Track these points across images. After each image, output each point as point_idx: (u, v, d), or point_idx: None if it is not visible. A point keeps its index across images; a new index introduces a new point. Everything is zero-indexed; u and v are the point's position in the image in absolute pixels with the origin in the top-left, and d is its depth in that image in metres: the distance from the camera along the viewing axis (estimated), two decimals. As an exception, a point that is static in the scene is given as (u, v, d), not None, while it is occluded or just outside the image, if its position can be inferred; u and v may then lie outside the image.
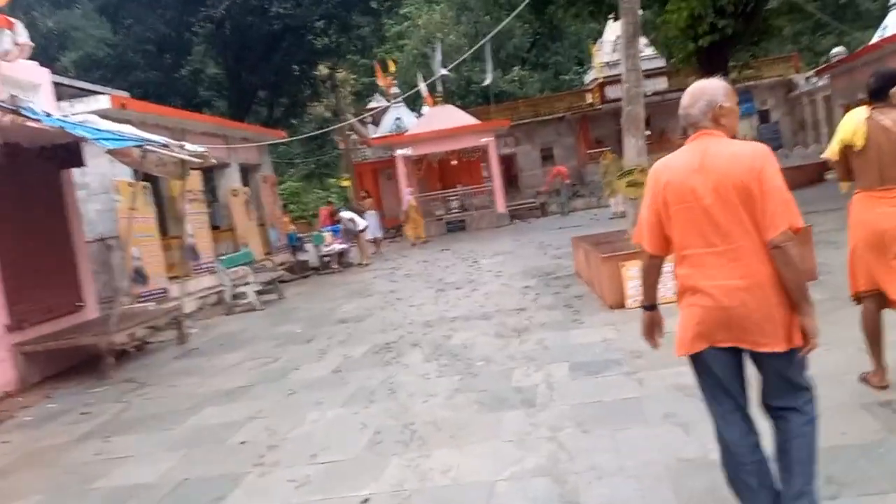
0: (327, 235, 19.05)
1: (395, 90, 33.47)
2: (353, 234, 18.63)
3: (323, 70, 35.90)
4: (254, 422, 5.89)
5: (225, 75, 30.85)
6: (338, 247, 18.41)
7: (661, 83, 32.86)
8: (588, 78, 37.31)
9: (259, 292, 13.16)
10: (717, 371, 2.93)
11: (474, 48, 27.80)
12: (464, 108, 30.70)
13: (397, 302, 11.16)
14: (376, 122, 35.56)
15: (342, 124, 29.97)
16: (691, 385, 5.05)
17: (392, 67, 34.58)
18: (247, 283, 13.10)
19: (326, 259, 18.37)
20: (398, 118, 32.74)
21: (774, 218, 2.70)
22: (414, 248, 21.50)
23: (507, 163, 32.67)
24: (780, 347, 2.77)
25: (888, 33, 26.92)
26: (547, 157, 34.47)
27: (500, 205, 25.91)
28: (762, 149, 2.81)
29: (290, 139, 25.16)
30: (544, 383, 5.65)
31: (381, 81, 34.40)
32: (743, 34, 21.47)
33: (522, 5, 19.31)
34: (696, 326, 2.91)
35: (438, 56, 29.08)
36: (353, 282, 15.10)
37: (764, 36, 22.55)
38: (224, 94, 32.33)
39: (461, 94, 45.54)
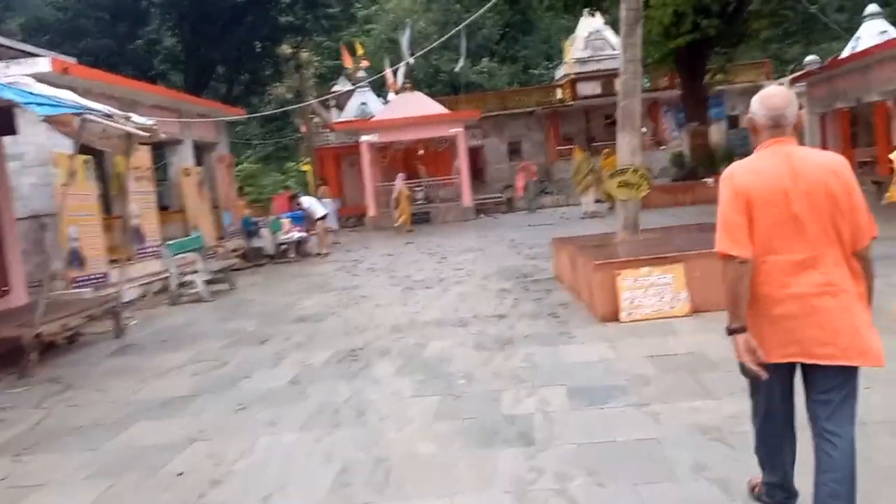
0: (285, 222, 17.99)
1: (361, 74, 32.35)
2: (312, 222, 17.62)
3: (286, 49, 34.65)
4: (195, 445, 4.96)
5: (182, 48, 29.34)
6: (296, 235, 17.38)
7: (633, 82, 32.30)
8: (559, 73, 36.71)
9: (209, 281, 12.11)
10: (782, 382, 2.92)
11: (445, 36, 26.92)
12: (431, 96, 29.75)
13: (361, 300, 10.26)
14: (340, 107, 34.39)
15: (304, 104, 28.80)
16: (715, 426, 4.34)
17: (360, 51, 33.40)
18: (195, 271, 12.04)
19: (283, 247, 17.33)
20: (364, 103, 31.67)
21: (863, 228, 2.75)
22: (399, 236, 20.81)
23: (474, 155, 31.84)
24: (857, 361, 2.75)
25: (861, 44, 26.84)
26: (515, 151, 33.82)
27: (467, 198, 25.10)
28: (844, 160, 2.85)
29: (249, 116, 23.94)
30: (540, 412, 4.84)
31: (347, 64, 33.23)
32: (723, 36, 21.01)
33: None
34: (776, 336, 2.80)
35: (407, 41, 28.04)
36: (311, 274, 14.13)
37: (743, 39, 22.14)
38: (180, 68, 30.81)
39: (429, 82, 44.62)
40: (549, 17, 42.23)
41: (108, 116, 8.89)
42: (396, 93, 30.45)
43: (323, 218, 17.62)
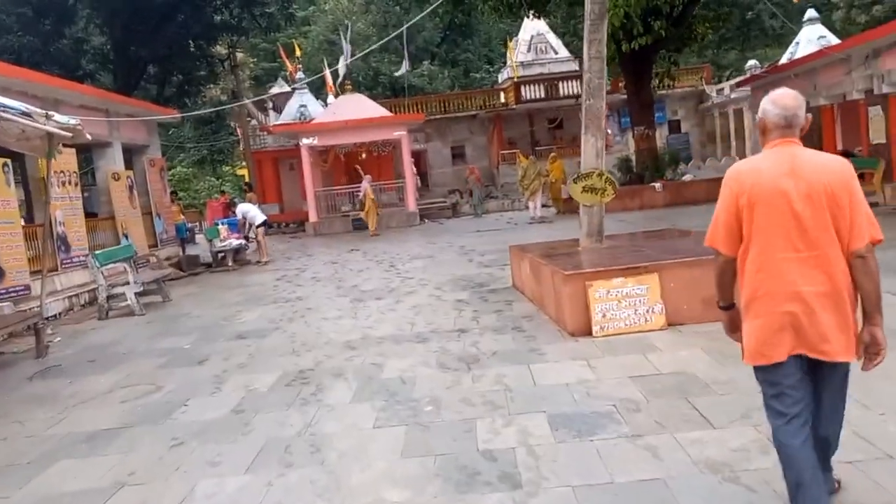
0: (223, 229, 17.09)
1: (300, 75, 31.47)
2: (248, 229, 16.77)
3: (221, 49, 33.41)
4: (123, 492, 4.26)
5: (111, 47, 27.89)
6: (234, 242, 16.50)
7: (573, 87, 32.33)
8: (502, 77, 36.49)
9: (140, 294, 11.21)
10: (791, 378, 2.91)
11: (387, 38, 26.33)
12: (372, 99, 29.07)
13: (308, 313, 9.57)
14: (278, 109, 33.40)
15: (238, 103, 27.77)
16: (724, 462, 3.82)
17: (298, 51, 32.48)
18: (126, 283, 11.12)
19: (221, 255, 16.42)
20: (303, 105, 30.82)
21: (861, 229, 2.79)
22: (372, 238, 20.23)
23: (416, 160, 31.31)
24: (848, 357, 2.85)
25: (800, 49, 27.37)
26: (458, 155, 33.42)
27: (411, 203, 24.51)
28: (847, 162, 2.90)
29: (182, 115, 22.78)
30: (523, 447, 4.30)
31: (287, 65, 32.29)
32: (670, 39, 21.00)
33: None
34: (777, 334, 2.87)
35: (346, 43, 27.32)
36: (251, 284, 13.32)
37: (688, 42, 22.19)
38: (109, 68, 29.28)
39: (369, 84, 43.83)
40: (491, 19, 42.05)
41: (27, 115, 8.02)
42: (335, 95, 29.70)
43: (263, 224, 16.79)
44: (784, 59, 27.05)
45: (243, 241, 16.80)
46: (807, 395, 2.92)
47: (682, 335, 6.33)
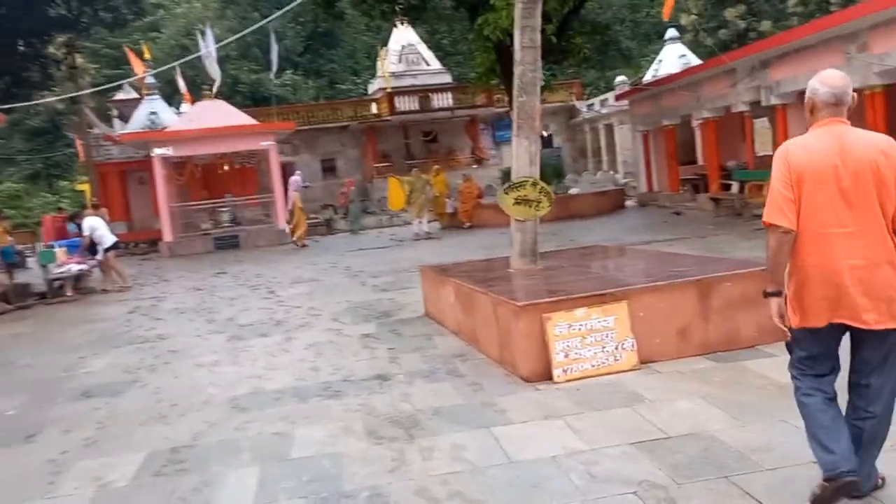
0: (60, 252, 14.53)
1: (150, 80, 28.63)
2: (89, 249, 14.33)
3: (57, 51, 29.86)
4: None
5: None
6: (74, 267, 14.03)
7: (447, 99, 31.53)
8: (372, 87, 35.13)
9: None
10: (826, 343, 3.08)
11: (251, 28, 24.26)
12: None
13: (174, 357, 7.71)
14: (125, 118, 30.31)
15: (66, 96, 24.58)
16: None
17: (147, 53, 29.60)
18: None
19: (57, 283, 13.89)
20: (154, 113, 28.03)
21: None
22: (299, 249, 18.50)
23: (284, 173, 29.27)
24: (890, 324, 2.95)
25: (663, 67, 27.88)
26: (329, 168, 31.66)
27: (282, 220, 22.53)
28: (893, 141, 3.01)
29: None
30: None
31: (136, 68, 29.36)
32: (552, 50, 20.41)
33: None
34: (820, 302, 2.99)
35: (210, 44, 25.00)
36: (98, 318, 11.11)
37: (567, 55, 21.75)
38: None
39: (227, 93, 41.10)
40: (359, 25, 40.65)
41: None
42: (191, 104, 27.20)
43: (114, 247, 14.43)
44: (648, 78, 27.47)
45: (85, 266, 14.36)
46: (836, 363, 3.15)
47: (665, 377, 5.17)
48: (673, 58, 29.28)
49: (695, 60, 29.42)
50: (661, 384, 5.01)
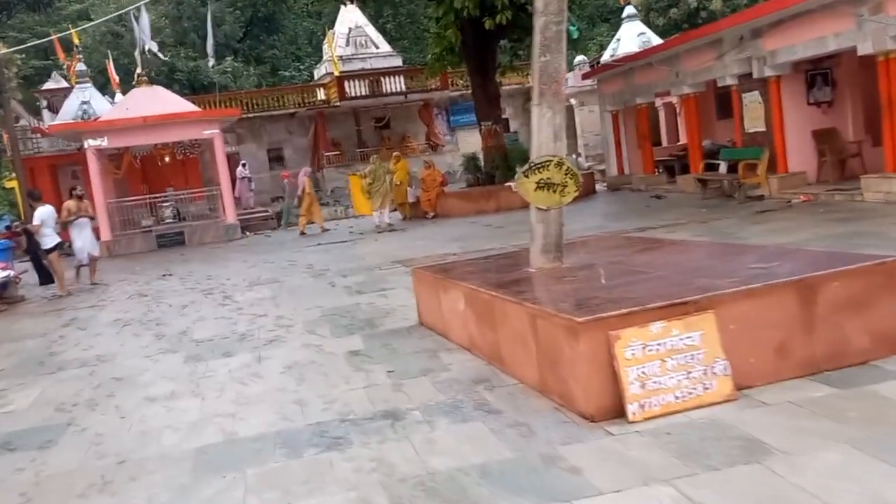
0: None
1: (81, 67, 26.47)
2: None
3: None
4: None
5: None
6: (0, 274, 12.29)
7: (399, 83, 30.03)
8: (319, 72, 33.39)
9: None
10: None
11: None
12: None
13: (118, 387, 6.24)
14: (54, 108, 28.05)
15: None
16: None
17: (77, 39, 27.32)
18: None
19: (-22, 293, 12.13)
20: (86, 102, 25.83)
21: None
22: (188, 259, 15.75)
23: (228, 164, 27.44)
24: None
25: (621, 46, 26.95)
26: (276, 158, 29.87)
27: (230, 214, 20.84)
28: None
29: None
30: None
31: (62, 58, 27.19)
32: (515, 26, 19.19)
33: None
34: None
35: (145, 26, 23.01)
36: (25, 335, 9.48)
37: (528, 33, 20.54)
38: None
39: (164, 82, 38.80)
40: (300, 9, 38.82)
41: None
42: (122, 92, 25.16)
43: (57, 248, 12.69)
44: (606, 57, 26.52)
45: (11, 273, 12.61)
46: None
47: (776, 412, 3.97)
48: (631, 36, 28.36)
49: (655, 39, 28.60)
50: (779, 423, 3.82)
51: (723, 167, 15.08)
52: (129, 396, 5.95)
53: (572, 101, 29.44)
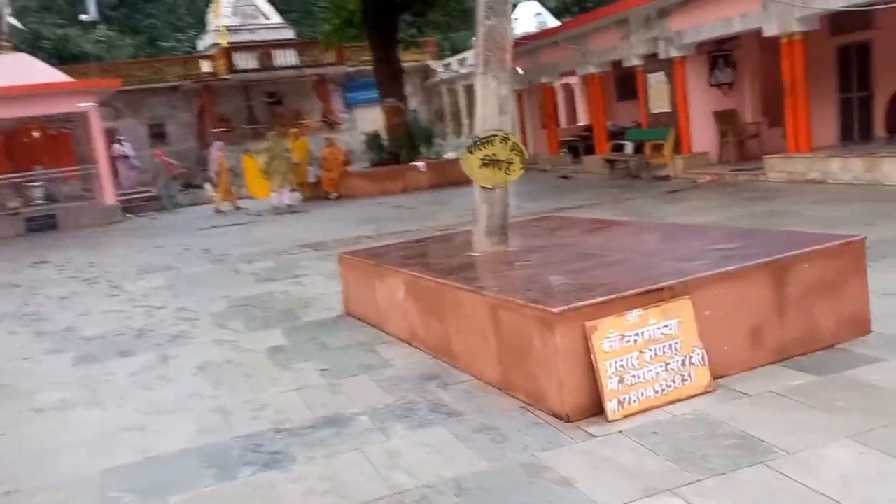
0: None
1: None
2: None
3: None
4: None
5: None
6: None
7: (291, 57, 28.80)
8: (204, 43, 31.55)
9: None
10: None
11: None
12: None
13: (-4, 399, 5.35)
14: None
15: None
16: None
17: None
18: None
19: None
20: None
21: None
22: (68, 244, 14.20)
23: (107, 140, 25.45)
24: None
25: (519, 26, 26.88)
26: (158, 135, 28.01)
27: (109, 194, 19.26)
28: None
29: None
30: None
31: None
32: (413, 1, 18.68)
33: None
34: None
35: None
36: None
37: (431, 7, 20.07)
38: None
39: (26, 51, 35.60)
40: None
41: None
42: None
43: None
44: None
45: None
46: None
47: (761, 403, 3.70)
48: (528, 16, 28.45)
49: (551, 19, 28.75)
50: (770, 417, 3.54)
51: (629, 147, 15.17)
52: (11, 408, 5.09)
53: (473, 80, 29.19)
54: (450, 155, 20.05)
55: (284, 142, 17.44)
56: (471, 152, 5.32)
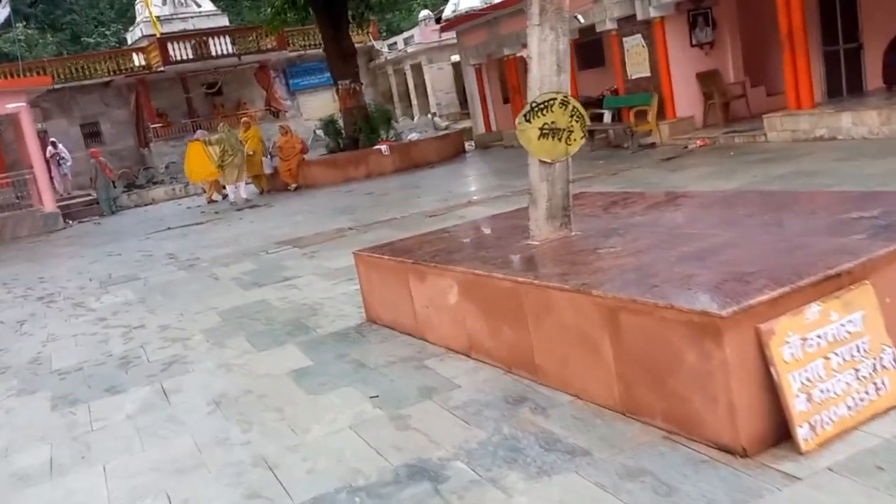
0: None
1: None
2: None
3: None
4: None
5: None
6: None
7: (228, 45, 27.25)
8: (134, 36, 29.67)
9: None
10: None
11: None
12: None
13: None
14: None
15: None
16: None
17: None
18: None
19: None
20: None
21: None
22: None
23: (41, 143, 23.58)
24: None
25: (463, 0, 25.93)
26: (92, 134, 26.21)
27: (48, 201, 17.70)
28: None
29: None
30: None
31: None
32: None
33: None
34: None
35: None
36: None
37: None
38: None
39: (-63, 52, 33.11)
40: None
41: None
42: None
43: None
44: (448, 12, 25.43)
45: None
46: None
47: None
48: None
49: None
50: None
51: (607, 116, 14.45)
52: (-24, 478, 4.00)
53: (421, 59, 28.17)
54: (413, 136, 19.07)
55: (236, 132, 16.19)
56: (528, 121, 4.41)
